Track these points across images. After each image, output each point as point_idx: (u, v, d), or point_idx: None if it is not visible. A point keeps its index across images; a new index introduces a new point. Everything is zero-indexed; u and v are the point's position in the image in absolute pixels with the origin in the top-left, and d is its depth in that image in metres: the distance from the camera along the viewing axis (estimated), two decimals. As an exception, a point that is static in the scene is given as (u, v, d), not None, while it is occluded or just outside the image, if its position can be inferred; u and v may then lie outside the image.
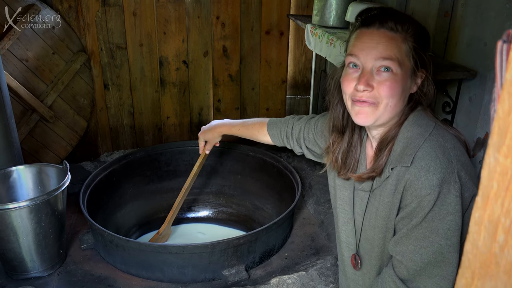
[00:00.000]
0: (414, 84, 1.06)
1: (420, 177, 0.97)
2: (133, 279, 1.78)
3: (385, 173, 1.07)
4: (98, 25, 2.52)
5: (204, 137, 1.94)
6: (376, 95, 1.02)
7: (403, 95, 1.04)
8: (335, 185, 1.28)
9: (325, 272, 1.76)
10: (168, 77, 2.76)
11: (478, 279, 0.37)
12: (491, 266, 0.36)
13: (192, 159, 2.52)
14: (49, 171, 1.89)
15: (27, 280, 1.74)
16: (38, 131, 2.48)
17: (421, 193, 0.97)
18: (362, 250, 1.21)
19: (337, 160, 1.21)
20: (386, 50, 1.01)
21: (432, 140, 1.01)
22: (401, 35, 1.02)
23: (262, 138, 1.68)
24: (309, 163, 2.60)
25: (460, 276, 0.40)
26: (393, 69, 1.01)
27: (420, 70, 1.05)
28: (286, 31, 2.84)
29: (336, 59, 1.82)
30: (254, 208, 2.46)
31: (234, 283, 1.73)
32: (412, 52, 1.02)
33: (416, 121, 1.06)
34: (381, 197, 1.10)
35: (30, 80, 2.38)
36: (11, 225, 1.61)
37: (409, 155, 1.01)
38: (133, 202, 2.37)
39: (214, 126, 1.89)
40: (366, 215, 1.16)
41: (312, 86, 2.95)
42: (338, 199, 1.26)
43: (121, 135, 2.83)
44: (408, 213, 1.02)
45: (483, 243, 0.36)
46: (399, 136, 1.06)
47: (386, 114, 1.05)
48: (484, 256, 0.36)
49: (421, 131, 1.03)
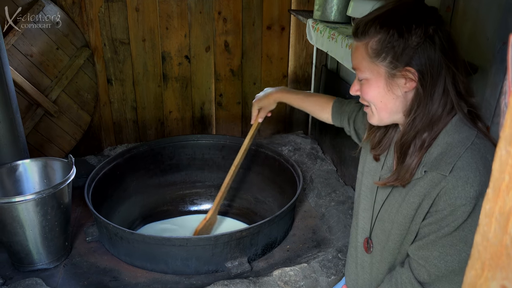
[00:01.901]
0: (406, 80, 1.02)
1: (457, 187, 0.95)
2: (137, 271, 1.81)
3: (417, 174, 1.05)
4: (101, 21, 2.54)
5: (259, 104, 1.85)
6: (366, 100, 1.10)
7: (389, 95, 1.05)
8: (363, 171, 1.28)
9: (327, 264, 1.79)
10: (170, 72, 2.78)
11: (488, 270, 0.37)
12: (502, 257, 0.35)
13: (195, 153, 2.55)
14: (55, 165, 1.92)
15: (34, 272, 1.77)
16: (43, 125, 2.51)
17: (456, 202, 0.95)
18: (375, 237, 1.22)
19: (375, 136, 1.22)
20: (354, 60, 1.09)
21: (474, 149, 0.97)
22: (363, 41, 1.05)
23: (321, 115, 1.67)
24: (310, 157, 2.62)
25: (470, 267, 0.40)
26: (364, 77, 1.07)
27: (404, 68, 1.01)
28: (287, 26, 2.85)
29: (338, 54, 1.84)
30: (255, 202, 2.49)
31: (237, 275, 1.76)
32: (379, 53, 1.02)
33: (457, 126, 1.02)
34: (406, 196, 1.08)
35: (35, 75, 2.40)
36: (17, 218, 1.63)
37: (449, 164, 0.97)
38: (137, 195, 2.39)
39: (269, 93, 1.81)
40: (385, 206, 1.16)
41: (313, 81, 2.97)
42: (363, 186, 1.27)
43: (124, 130, 2.85)
44: (438, 220, 0.99)
45: (494, 235, 0.36)
46: (438, 140, 1.03)
47: (384, 114, 1.09)
48: (494, 248, 0.36)
49: (462, 139, 0.99)
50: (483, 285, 0.38)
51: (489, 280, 0.38)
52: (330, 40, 1.92)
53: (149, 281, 1.76)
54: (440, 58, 1.00)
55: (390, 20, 1.02)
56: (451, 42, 1.02)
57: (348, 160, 2.40)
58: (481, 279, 0.38)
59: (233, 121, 3.03)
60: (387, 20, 1.02)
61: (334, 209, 2.12)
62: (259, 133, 3.12)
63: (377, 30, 1.02)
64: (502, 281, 0.36)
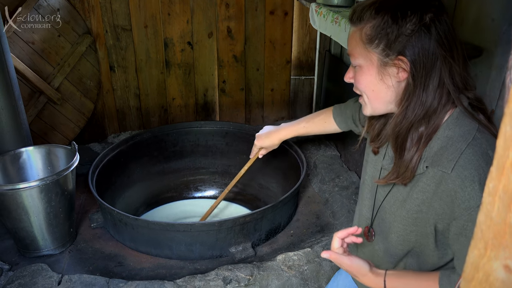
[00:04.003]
0: (400, 69, 1.00)
1: (465, 187, 0.92)
2: (142, 256, 1.82)
3: (419, 169, 1.03)
4: (103, 7, 2.52)
5: (262, 144, 1.88)
6: (358, 88, 1.09)
7: (381, 84, 1.03)
8: (367, 159, 1.27)
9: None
10: (173, 58, 2.76)
11: (491, 250, 0.36)
12: (505, 236, 0.35)
13: (198, 140, 2.54)
14: (58, 152, 1.92)
15: (39, 258, 1.78)
16: (46, 113, 2.51)
17: (470, 204, 0.92)
18: (377, 226, 1.21)
19: (374, 128, 1.21)
20: (349, 46, 1.07)
21: (475, 145, 0.94)
22: (358, 27, 1.03)
23: (329, 129, 1.66)
24: (313, 142, 2.62)
25: (473, 247, 0.39)
26: (358, 63, 1.05)
27: (396, 57, 0.98)
28: (290, 11, 2.82)
29: (342, 38, 1.82)
30: (259, 187, 2.49)
31: (241, 260, 1.77)
32: (372, 40, 1.00)
33: (458, 120, 0.99)
34: (411, 191, 1.06)
35: (37, 63, 2.39)
36: (22, 204, 1.64)
37: (450, 161, 0.95)
38: (141, 182, 2.40)
39: (272, 132, 1.83)
40: (388, 198, 1.15)
41: (317, 66, 2.94)
42: (367, 175, 1.26)
43: (127, 117, 2.85)
44: (461, 229, 0.95)
45: (497, 214, 0.35)
46: (438, 133, 1.01)
47: (377, 104, 1.07)
48: (498, 226, 0.35)
49: (463, 133, 0.97)
50: (486, 265, 0.38)
51: (492, 260, 0.37)
52: (334, 24, 1.89)
53: (154, 266, 1.77)
54: (436, 48, 0.96)
55: (386, 6, 0.99)
56: (450, 33, 0.98)
57: (352, 146, 2.39)
58: (484, 259, 0.38)
59: (236, 108, 3.02)
60: (383, 5, 0.99)
61: (337, 195, 2.12)
62: (262, 120, 3.11)
63: (372, 15, 1.00)
64: (505, 261, 0.36)
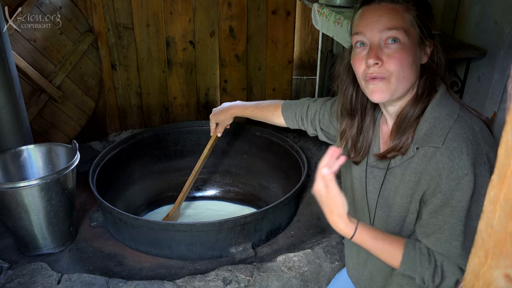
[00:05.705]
0: (424, 54, 1.05)
1: (454, 158, 0.95)
2: (142, 256, 1.82)
3: (409, 152, 1.05)
4: (105, 5, 2.52)
5: (215, 119, 1.93)
6: (387, 69, 1.02)
7: (414, 65, 1.03)
8: (350, 163, 1.26)
9: (331, 250, 1.79)
10: (175, 57, 2.76)
11: (492, 258, 0.36)
12: (506, 245, 0.35)
13: (199, 139, 2.54)
14: (59, 151, 1.92)
15: (39, 256, 1.78)
16: (47, 111, 2.50)
17: (458, 174, 0.94)
18: (377, 223, 1.20)
19: (347, 144, 1.21)
20: (390, 21, 1.01)
21: (461, 121, 0.99)
22: (402, 5, 1.02)
23: (275, 120, 1.66)
24: (315, 142, 2.61)
25: (473, 255, 0.39)
26: (400, 39, 1.00)
27: (428, 39, 1.04)
28: (293, 11, 2.81)
29: (344, 38, 1.82)
30: (260, 187, 2.49)
31: (241, 260, 1.76)
32: (416, 20, 1.02)
33: (442, 101, 1.04)
34: (403, 176, 1.07)
35: (39, 61, 2.39)
36: (22, 203, 1.64)
37: (440, 136, 0.99)
38: (141, 181, 2.40)
39: (226, 108, 1.87)
40: (382, 193, 1.15)
41: (319, 67, 2.94)
42: (354, 178, 1.25)
43: (129, 115, 2.85)
44: (446, 199, 0.97)
45: (498, 222, 0.35)
46: (425, 115, 1.04)
47: (401, 87, 1.03)
48: (499, 235, 0.35)
49: (449, 112, 1.02)
50: (486, 273, 0.37)
51: (492, 268, 0.37)
52: (336, 24, 1.89)
53: (154, 266, 1.77)
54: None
55: None
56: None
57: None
58: (484, 267, 0.38)
59: (238, 107, 3.01)
60: None
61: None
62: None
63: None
64: (506, 270, 0.35)
